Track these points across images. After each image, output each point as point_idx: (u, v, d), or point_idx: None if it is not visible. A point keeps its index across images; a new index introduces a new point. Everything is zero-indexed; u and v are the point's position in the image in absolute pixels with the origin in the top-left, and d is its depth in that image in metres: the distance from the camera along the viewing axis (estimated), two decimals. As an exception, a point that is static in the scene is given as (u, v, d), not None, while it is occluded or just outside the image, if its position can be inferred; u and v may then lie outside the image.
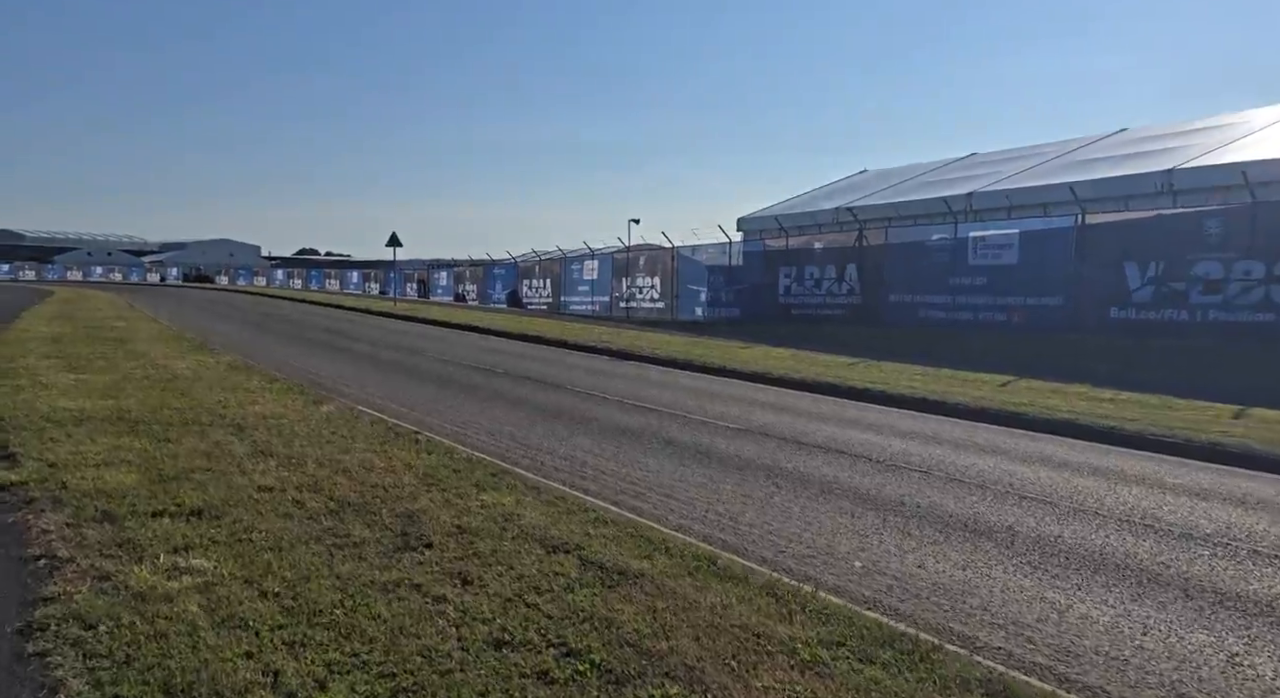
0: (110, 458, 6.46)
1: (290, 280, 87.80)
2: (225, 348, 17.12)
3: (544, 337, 23.75)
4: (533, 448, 8.45)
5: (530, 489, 6.13)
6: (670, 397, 12.70)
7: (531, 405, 11.34)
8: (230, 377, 11.85)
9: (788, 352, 19.65)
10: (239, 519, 5.07)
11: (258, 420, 8.42)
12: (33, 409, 8.54)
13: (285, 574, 4.14)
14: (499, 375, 14.77)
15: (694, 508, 6.33)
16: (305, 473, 6.29)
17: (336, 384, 12.66)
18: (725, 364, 17.01)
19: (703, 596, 4.01)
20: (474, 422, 9.90)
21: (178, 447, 7.02)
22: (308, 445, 7.28)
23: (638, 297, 37.39)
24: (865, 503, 6.70)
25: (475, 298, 54.27)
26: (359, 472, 6.39)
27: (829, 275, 26.56)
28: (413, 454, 7.13)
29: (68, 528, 4.81)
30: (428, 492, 5.85)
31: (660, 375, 15.86)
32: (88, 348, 15.18)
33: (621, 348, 20.27)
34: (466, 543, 4.73)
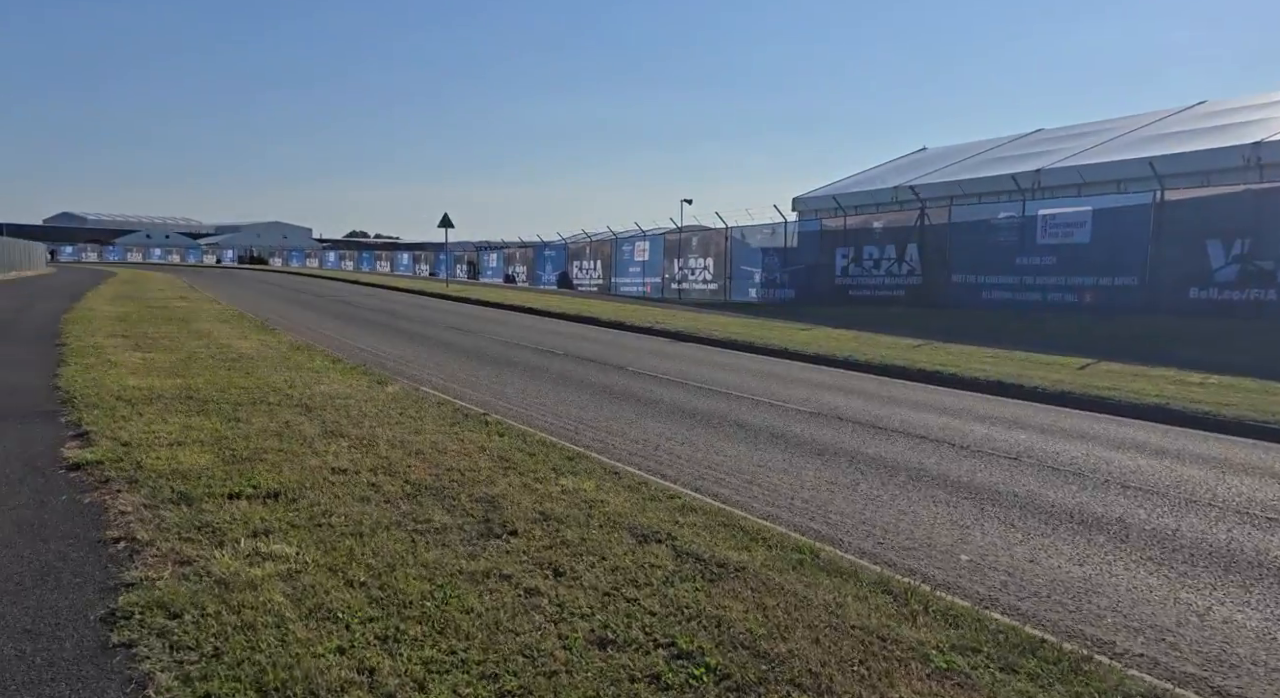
0: (182, 437, 6.37)
1: (342, 262, 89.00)
2: (285, 328, 17.21)
3: (598, 318, 23.54)
4: (601, 430, 8.21)
5: (609, 474, 5.88)
6: (734, 379, 12.37)
7: (594, 387, 11.12)
8: (293, 356, 11.83)
9: (849, 333, 19.14)
10: (316, 503, 4.90)
11: (325, 400, 8.31)
12: (103, 387, 8.55)
13: (369, 562, 3.94)
14: (558, 356, 14.58)
15: (778, 495, 6.03)
16: (378, 455, 6.13)
17: (397, 364, 12.58)
18: (786, 346, 16.61)
19: (813, 592, 3.71)
20: (538, 403, 9.71)
21: (248, 427, 6.92)
22: (378, 426, 7.13)
23: (690, 278, 36.99)
24: (958, 491, 6.33)
25: (525, 279, 54.36)
26: (432, 454, 6.21)
27: (888, 255, 25.88)
28: (484, 436, 6.94)
29: (145, 509, 4.69)
30: (505, 476, 5.64)
31: (721, 357, 15.53)
32: (152, 327, 15.35)
33: (678, 329, 19.96)
34: (552, 531, 4.50)
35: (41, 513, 4.66)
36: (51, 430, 6.76)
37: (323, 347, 13.83)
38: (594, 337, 18.96)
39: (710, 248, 35.78)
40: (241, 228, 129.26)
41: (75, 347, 12.07)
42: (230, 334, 14.75)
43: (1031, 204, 22.61)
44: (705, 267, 36.12)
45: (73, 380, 9.00)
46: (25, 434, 6.61)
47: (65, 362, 10.54)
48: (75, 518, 4.59)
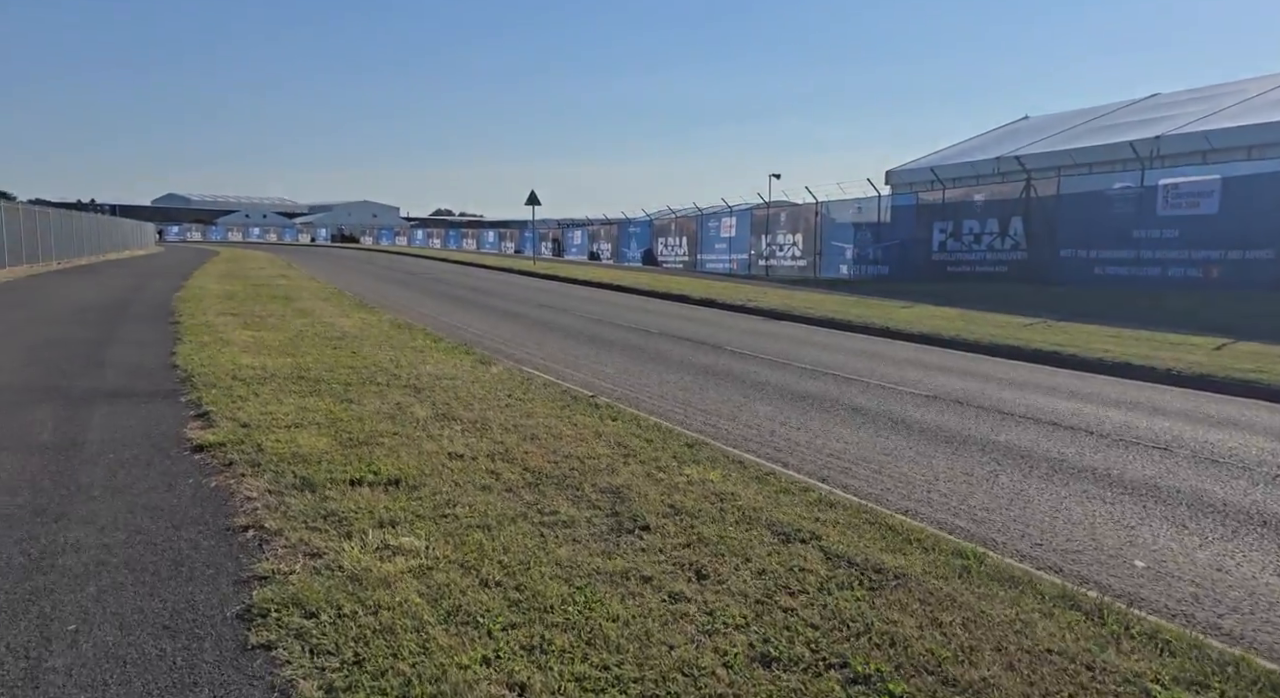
0: (299, 420, 6.35)
1: (429, 240, 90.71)
2: (383, 306, 17.44)
3: (688, 295, 23.20)
4: (710, 414, 7.91)
5: (733, 463, 5.58)
6: (839, 359, 11.89)
7: (696, 368, 10.81)
8: (395, 335, 11.89)
9: (952, 311, 18.31)
10: (438, 491, 4.75)
11: (432, 381, 8.24)
12: (218, 366, 8.68)
13: (501, 558, 3.75)
14: (653, 335, 14.32)
15: (911, 488, 5.62)
16: (493, 439, 5.97)
17: (495, 343, 12.52)
18: (887, 325, 15.96)
19: (990, 606, 3.34)
20: (642, 385, 9.46)
21: (361, 408, 6.87)
22: (488, 409, 7.00)
23: (778, 254, 36.22)
24: (1110, 485, 5.80)
25: (609, 256, 54.28)
26: (548, 439, 6.02)
27: (990, 229, 24.68)
28: (597, 420, 6.72)
29: (270, 495, 4.61)
30: (626, 464, 5.40)
31: (820, 336, 15.01)
32: (258, 305, 15.73)
33: (772, 307, 19.47)
34: (686, 526, 4.23)
35: (170, 498, 4.64)
36: (173, 410, 6.85)
37: (421, 325, 13.90)
38: (686, 315, 18.64)
39: (799, 223, 34.91)
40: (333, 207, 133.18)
41: (189, 325, 12.40)
42: (332, 312, 14.98)
43: (1151, 173, 21.15)
44: (794, 243, 35.29)
45: (189, 359, 9.18)
46: (150, 414, 6.70)
47: (181, 340, 10.80)
48: (203, 503, 4.55)
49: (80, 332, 11.99)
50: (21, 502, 4.50)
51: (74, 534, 4.02)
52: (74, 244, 35.29)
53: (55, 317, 13.96)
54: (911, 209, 28.29)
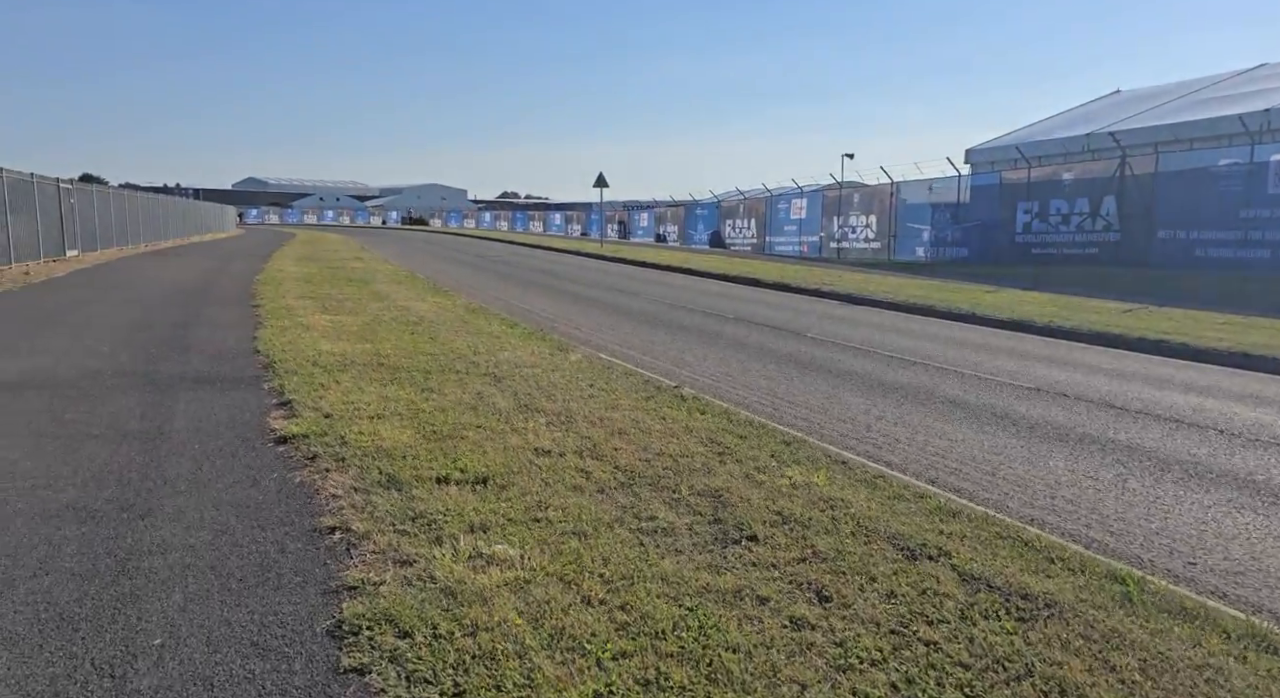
0: (381, 410, 6.19)
1: (496, 222, 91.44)
2: (456, 290, 17.42)
3: (761, 279, 22.68)
4: (800, 406, 7.52)
5: (836, 464, 5.20)
6: (928, 348, 11.33)
7: (776, 355, 10.40)
8: (470, 320, 11.76)
9: (1043, 296, 17.42)
10: (527, 491, 4.50)
11: (511, 369, 8.03)
12: (299, 352, 8.63)
13: (602, 571, 3.47)
14: (729, 320, 13.93)
15: (1032, 493, 5.17)
16: (579, 434, 5.71)
17: (569, 328, 12.31)
18: (974, 310, 15.25)
19: (1168, 646, 2.92)
20: (723, 373, 9.11)
21: (442, 398, 6.68)
22: (571, 400, 6.74)
23: (850, 236, 35.30)
24: (1258, 493, 5.24)
25: (676, 239, 53.79)
26: (636, 435, 5.73)
27: (1080, 209, 23.48)
28: (685, 413, 6.41)
29: (356, 494, 4.43)
30: (722, 463, 5.07)
31: (903, 322, 14.41)
32: (335, 289, 15.83)
33: (849, 292, 18.84)
34: (797, 537, 3.89)
35: (255, 493, 4.49)
36: (256, 398, 6.77)
37: (495, 309, 13.77)
38: (760, 299, 18.17)
39: (873, 204, 33.91)
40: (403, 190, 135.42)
41: (269, 308, 12.49)
42: (407, 296, 14.97)
43: (1262, 149, 19.77)
44: (867, 224, 34.32)
45: (271, 344, 9.16)
46: (233, 401, 6.64)
47: (262, 324, 10.85)
48: (288, 500, 4.38)
49: (167, 314, 12.18)
50: (109, 495, 4.40)
51: (160, 533, 3.89)
52: (161, 227, 36.43)
53: (144, 299, 14.26)
54: (994, 189, 27.13)
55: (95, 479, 4.66)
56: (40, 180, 20.76)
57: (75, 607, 3.16)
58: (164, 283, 17.62)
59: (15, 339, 9.73)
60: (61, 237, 22.40)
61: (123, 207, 29.98)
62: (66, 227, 22.70)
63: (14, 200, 18.66)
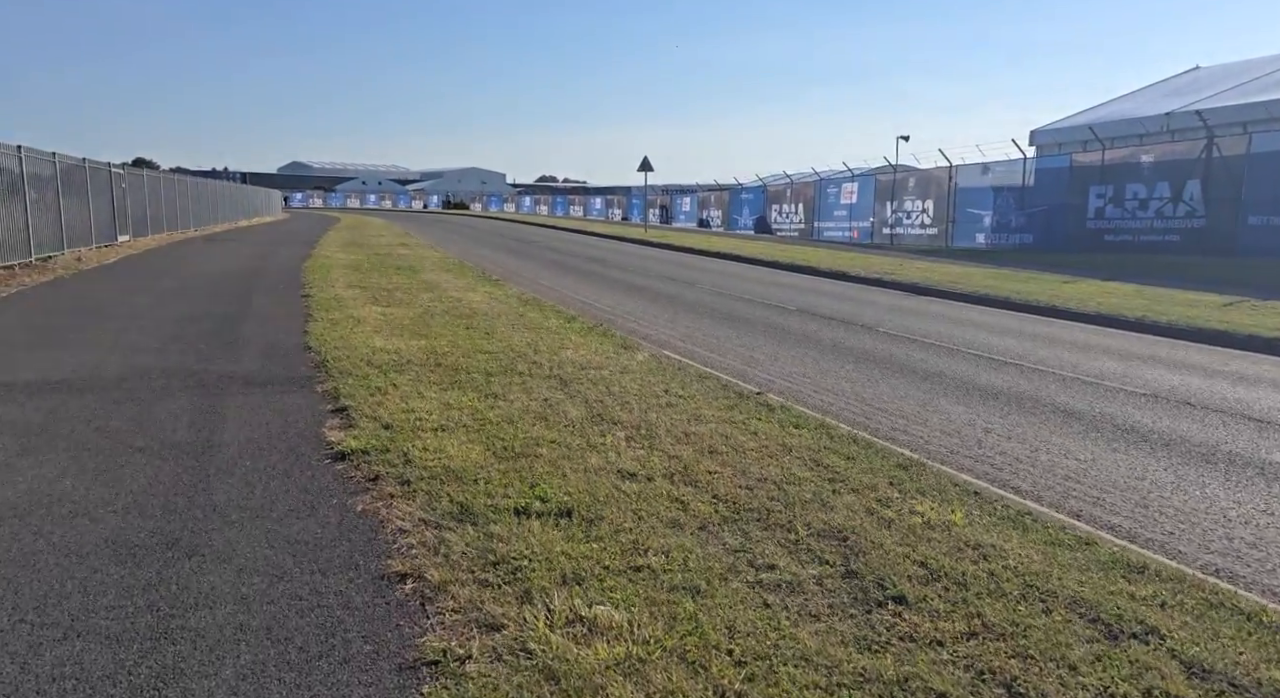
0: (445, 420, 5.65)
1: (536, 207, 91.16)
2: (505, 278, 16.92)
3: (816, 267, 21.86)
4: (894, 414, 6.84)
5: (966, 494, 4.54)
6: (1014, 345, 10.53)
7: (852, 353, 9.70)
8: (525, 313, 11.21)
9: (1127, 287, 16.40)
10: (619, 527, 3.92)
11: (576, 371, 7.46)
12: (352, 349, 8.15)
13: (729, 647, 2.87)
14: (793, 313, 13.23)
15: (1203, 532, 4.45)
16: (664, 452, 5.11)
17: (628, 321, 11.71)
18: (1054, 303, 14.34)
19: None
20: (800, 374, 8.45)
21: (508, 405, 6.13)
22: (649, 409, 6.14)
23: (904, 222, 34.16)
24: None
25: (720, 224, 52.88)
26: (729, 453, 5.12)
27: (1160, 194, 22.22)
28: (776, 427, 5.77)
29: (426, 528, 3.88)
30: (836, 493, 4.44)
31: (978, 315, 13.57)
32: (383, 277, 15.41)
33: (913, 281, 17.98)
34: (955, 600, 3.25)
35: (313, 525, 3.96)
36: (309, 402, 6.28)
37: (548, 300, 13.23)
38: (820, 289, 17.39)
39: (929, 189, 32.72)
40: (444, 174, 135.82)
41: (319, 299, 12.07)
42: (457, 285, 14.49)
43: (1364, 129, 18.41)
44: (923, 210, 33.15)
45: (322, 339, 8.70)
46: (286, 407, 6.15)
47: (312, 316, 10.41)
48: (350, 535, 3.85)
49: (216, 305, 11.82)
50: (153, 527, 3.91)
51: (208, 579, 3.37)
52: (210, 212, 36.55)
53: (194, 287, 13.96)
54: (1063, 172, 25.88)
55: (137, 505, 4.17)
56: (92, 165, 20.67)
57: (108, 686, 2.64)
58: (213, 270, 17.37)
59: (66, 333, 9.40)
60: (113, 222, 22.36)
61: (173, 191, 30.02)
62: (118, 212, 22.65)
63: (67, 186, 18.57)
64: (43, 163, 17.37)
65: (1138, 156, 23.01)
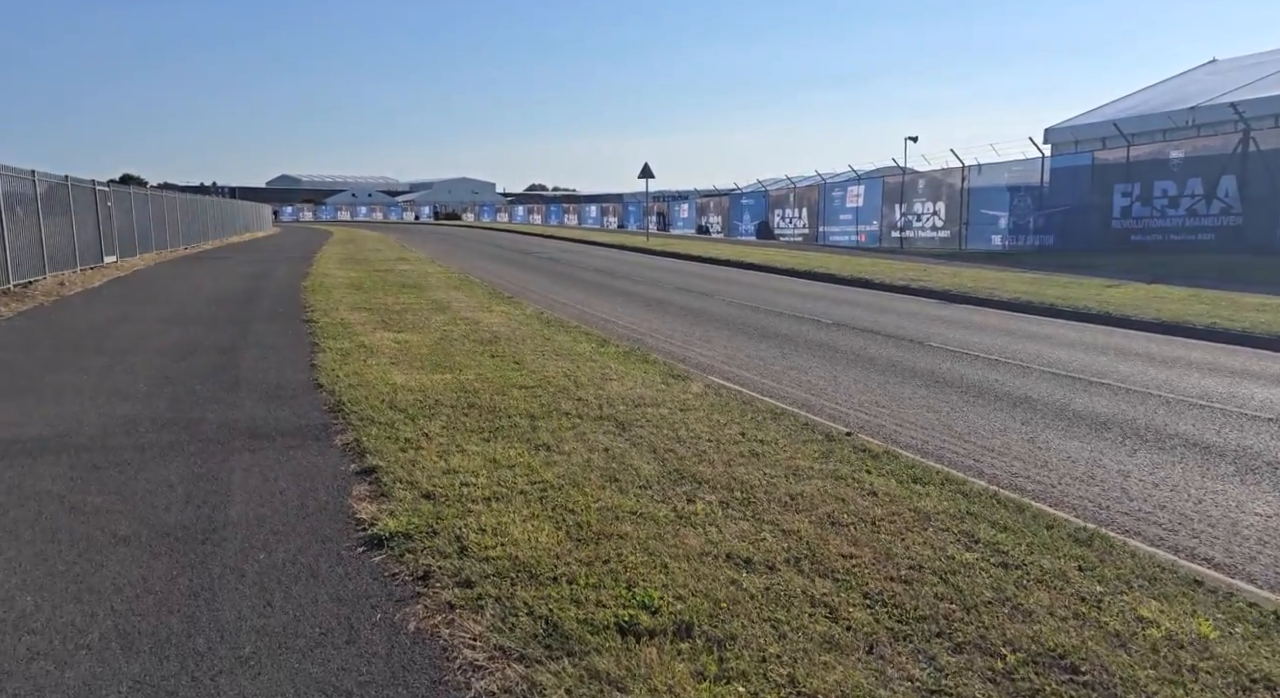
0: (496, 485, 4.66)
1: (530, 216, 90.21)
2: (515, 294, 15.94)
3: (836, 274, 20.94)
4: (1002, 454, 5.89)
5: (1185, 583, 3.57)
6: (1088, 360, 9.59)
7: (917, 374, 8.75)
8: (551, 336, 10.22)
9: (1179, 290, 15.49)
10: (763, 653, 2.94)
11: (630, 409, 6.47)
12: (369, 387, 7.16)
13: None
14: (827, 327, 12.28)
15: None
16: (773, 524, 4.14)
17: (659, 341, 10.74)
18: (1105, 309, 13.43)
19: None
20: (874, 403, 7.48)
21: (565, 460, 5.14)
22: (732, 461, 5.16)
23: (914, 225, 33.35)
24: None
25: (720, 230, 52.02)
26: (854, 524, 4.14)
27: (1192, 191, 21.40)
28: (895, 483, 4.80)
29: (507, 664, 2.89)
30: (1019, 586, 3.46)
31: (1031, 325, 12.64)
32: (390, 297, 14.41)
33: (944, 288, 17.06)
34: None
35: (355, 660, 2.98)
36: (328, 461, 5.28)
37: (568, 319, 12.26)
38: (847, 298, 16.46)
39: (941, 190, 31.91)
40: (433, 184, 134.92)
41: (324, 324, 11.06)
42: (469, 305, 13.50)
43: None
44: (934, 212, 32.34)
45: (334, 375, 7.70)
46: (301, 469, 5.15)
47: (318, 345, 9.40)
48: (406, 676, 2.87)
49: (212, 334, 10.77)
50: (138, 672, 2.91)
51: (219, 771, 2.38)
52: (200, 229, 35.45)
53: (185, 314, 12.92)
54: (1084, 171, 25.08)
55: (120, 635, 3.17)
56: (75, 184, 19.62)
57: None
58: (206, 293, 16.32)
59: (43, 373, 8.35)
60: (99, 242, 21.29)
61: (161, 208, 28.93)
62: (104, 232, 21.59)
63: (48, 206, 17.52)
64: (21, 181, 16.32)
65: (1166, 153, 22.20)
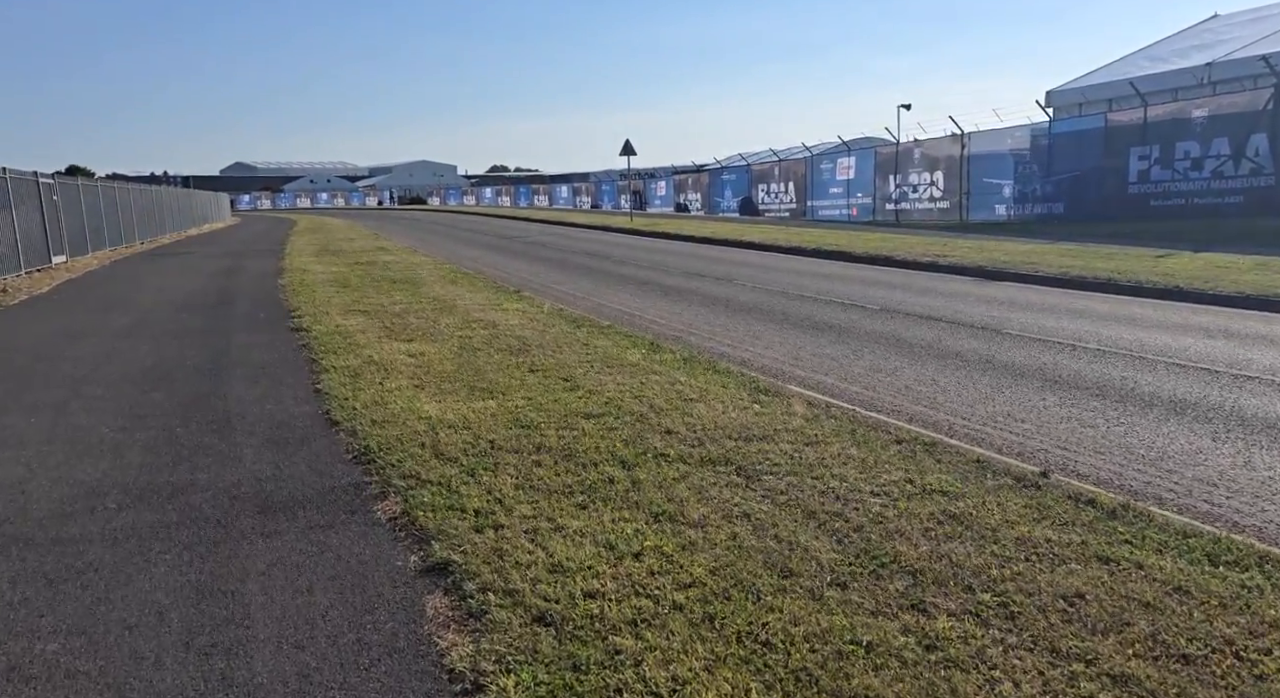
0: (634, 595, 3.27)
1: (499, 198, 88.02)
2: (519, 285, 14.44)
3: (851, 252, 19.68)
4: (1243, 493, 4.62)
5: None
6: (1204, 347, 8.37)
7: (1019, 371, 7.47)
8: (589, 340, 8.79)
9: (1241, 259, 14.35)
10: None
11: (738, 444, 5.10)
12: (398, 422, 5.70)
13: None
14: (879, 314, 10.99)
15: None
16: (1084, 662, 2.81)
17: (704, 340, 9.35)
18: (1174, 283, 12.31)
19: None
20: (1007, 415, 6.18)
21: (705, 540, 3.75)
22: (932, 531, 3.81)
23: (910, 196, 32.19)
24: None
25: (700, 207, 50.55)
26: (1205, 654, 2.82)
27: (1218, 152, 20.35)
28: (1182, 563, 3.49)
29: None
30: None
31: (1099, 305, 11.44)
32: (383, 296, 12.84)
33: (978, 265, 15.85)
34: None
35: None
36: (377, 552, 3.84)
37: (593, 315, 10.84)
38: (877, 278, 15.18)
39: (939, 160, 30.72)
40: (393, 168, 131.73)
41: (318, 333, 9.51)
42: (477, 302, 11.99)
43: None
44: (932, 182, 31.18)
45: (349, 406, 6.22)
46: (341, 567, 3.71)
47: (319, 363, 7.89)
48: None
49: (187, 350, 9.14)
50: None
51: None
52: (156, 222, 33.24)
53: (151, 325, 11.24)
54: (1095, 134, 23.97)
55: None
56: (14, 177, 17.67)
57: None
58: (173, 296, 14.60)
59: (-24, 411, 6.76)
60: (45, 241, 19.35)
61: (114, 201, 26.81)
62: (50, 229, 19.63)
63: (-16, 203, 15.63)
64: (-48, 177, 14.43)
65: (1188, 111, 21.12)
